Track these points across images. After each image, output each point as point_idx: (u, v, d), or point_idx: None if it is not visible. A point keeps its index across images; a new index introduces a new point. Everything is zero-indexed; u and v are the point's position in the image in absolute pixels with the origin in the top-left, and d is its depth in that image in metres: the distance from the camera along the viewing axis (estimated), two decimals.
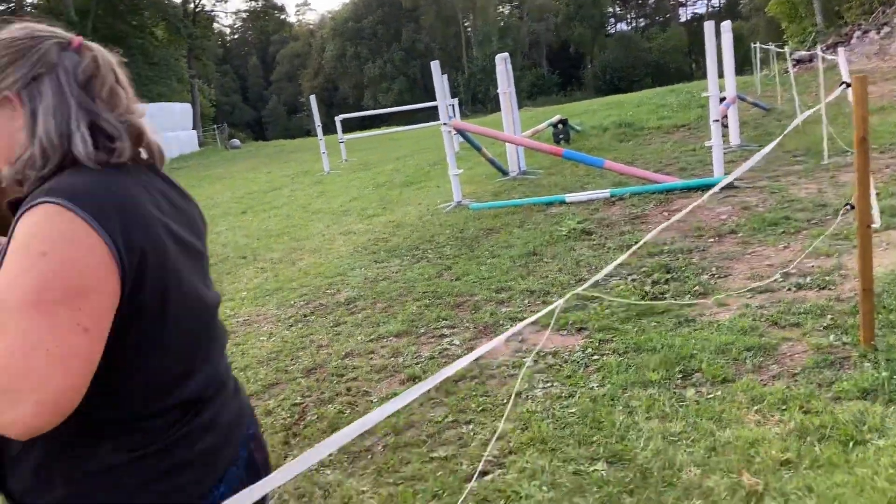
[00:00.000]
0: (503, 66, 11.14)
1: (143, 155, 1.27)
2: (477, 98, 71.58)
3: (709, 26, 7.98)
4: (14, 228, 1.08)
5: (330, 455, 3.38)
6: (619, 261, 3.04)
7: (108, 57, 1.25)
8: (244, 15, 57.23)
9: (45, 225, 1.05)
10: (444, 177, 13.07)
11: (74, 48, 1.20)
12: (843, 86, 4.95)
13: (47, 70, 1.16)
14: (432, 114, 48.36)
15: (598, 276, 2.79)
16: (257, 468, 1.36)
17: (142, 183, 1.21)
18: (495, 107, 63.13)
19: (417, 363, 4.29)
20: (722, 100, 9.37)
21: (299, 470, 1.18)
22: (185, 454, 1.20)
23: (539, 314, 2.19)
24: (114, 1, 41.72)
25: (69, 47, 1.20)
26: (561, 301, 2.31)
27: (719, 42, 10.11)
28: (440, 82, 9.46)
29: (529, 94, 64.82)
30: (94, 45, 1.25)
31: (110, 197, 1.11)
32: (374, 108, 71.91)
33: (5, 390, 1.01)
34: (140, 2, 43.99)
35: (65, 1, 38.60)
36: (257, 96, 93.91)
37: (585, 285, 2.66)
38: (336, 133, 22.35)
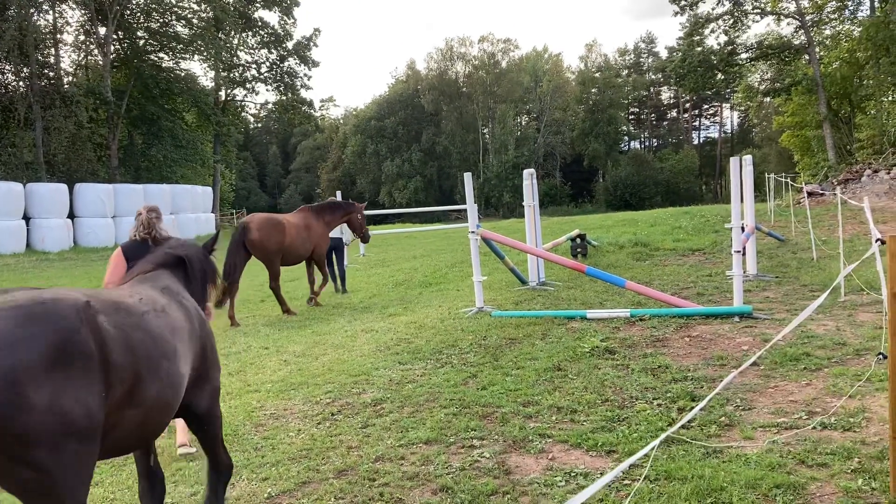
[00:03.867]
0: (530, 181, 11.56)
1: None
2: (490, 203, 73.04)
3: (734, 162, 8.37)
4: None
5: None
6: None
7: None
8: (272, 107, 59.05)
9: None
10: (463, 280, 13.31)
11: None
12: (878, 242, 5.18)
13: None
14: (446, 215, 49.15)
15: (691, 415, 2.92)
16: None
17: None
18: (508, 212, 63.95)
19: (449, 473, 4.35)
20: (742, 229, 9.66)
21: None
22: None
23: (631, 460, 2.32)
24: (149, 84, 43.25)
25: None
26: (656, 442, 2.44)
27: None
28: (470, 192, 9.82)
29: (542, 203, 66.11)
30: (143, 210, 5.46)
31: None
32: (390, 204, 73.27)
33: None
34: (174, 87, 45.57)
35: (103, 81, 40.17)
36: (275, 184, 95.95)
37: (675, 427, 2.79)
38: None
